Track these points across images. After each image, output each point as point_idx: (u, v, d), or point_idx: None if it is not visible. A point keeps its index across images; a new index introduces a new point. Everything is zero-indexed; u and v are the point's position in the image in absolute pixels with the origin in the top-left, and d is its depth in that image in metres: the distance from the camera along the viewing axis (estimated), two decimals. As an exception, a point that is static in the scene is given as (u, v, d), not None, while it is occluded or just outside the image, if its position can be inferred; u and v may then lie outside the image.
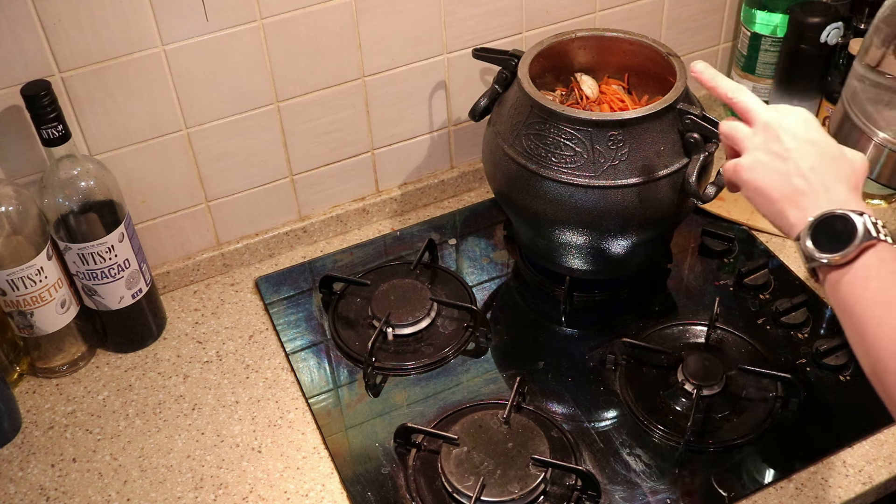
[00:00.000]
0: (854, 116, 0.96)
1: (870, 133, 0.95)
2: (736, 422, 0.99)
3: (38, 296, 1.01)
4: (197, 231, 1.19)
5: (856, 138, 0.97)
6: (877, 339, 0.66)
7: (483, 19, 1.18)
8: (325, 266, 1.22)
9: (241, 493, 0.96)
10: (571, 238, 1.04)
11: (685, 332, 1.09)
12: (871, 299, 0.68)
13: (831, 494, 0.92)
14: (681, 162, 1.00)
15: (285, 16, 1.06)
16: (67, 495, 0.96)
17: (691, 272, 1.20)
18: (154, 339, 1.13)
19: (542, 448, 0.94)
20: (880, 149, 0.95)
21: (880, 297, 0.67)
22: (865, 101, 0.97)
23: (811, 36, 1.21)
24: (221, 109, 1.10)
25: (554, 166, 1.00)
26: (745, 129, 0.80)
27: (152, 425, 1.03)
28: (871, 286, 0.68)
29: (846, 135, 0.98)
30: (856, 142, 0.97)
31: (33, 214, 0.99)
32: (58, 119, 0.93)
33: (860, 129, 0.96)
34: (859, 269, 0.69)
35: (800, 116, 0.78)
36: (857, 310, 0.68)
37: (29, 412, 1.05)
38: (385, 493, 0.94)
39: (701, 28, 1.35)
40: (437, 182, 1.30)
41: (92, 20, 0.96)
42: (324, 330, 1.13)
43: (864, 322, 0.68)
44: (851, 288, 0.69)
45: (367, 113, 1.19)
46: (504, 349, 1.10)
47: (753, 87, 1.34)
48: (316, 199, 1.24)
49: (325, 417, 1.03)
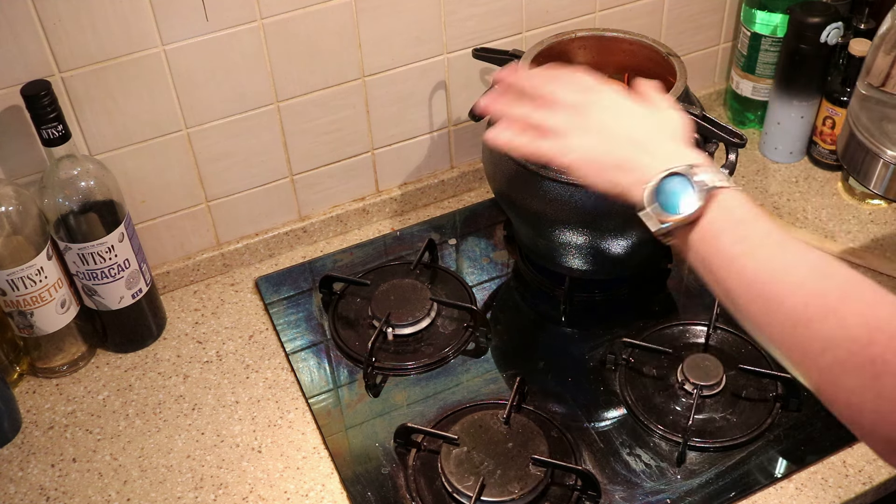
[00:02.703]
0: (860, 135, 0.97)
1: (877, 151, 0.96)
2: (736, 422, 0.99)
3: (38, 296, 1.01)
4: (197, 231, 1.19)
5: (862, 157, 0.97)
6: (744, 290, 0.66)
7: (483, 19, 1.18)
8: (325, 266, 1.22)
9: (241, 493, 0.96)
10: (571, 238, 1.04)
11: (685, 332, 1.09)
12: (729, 251, 0.68)
13: (831, 494, 0.92)
14: (681, 162, 1.00)
15: (285, 16, 1.06)
16: (67, 495, 0.96)
17: (691, 272, 1.19)
18: (154, 339, 1.13)
19: (542, 448, 0.94)
20: (888, 166, 0.95)
21: (737, 249, 0.67)
22: (871, 119, 0.97)
23: (811, 36, 1.21)
24: (221, 109, 1.10)
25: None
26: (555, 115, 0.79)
27: (152, 425, 1.03)
28: (723, 240, 0.68)
29: (853, 153, 0.98)
30: (863, 160, 0.97)
31: (33, 214, 0.99)
32: (58, 119, 0.93)
33: (867, 148, 0.96)
34: (708, 225, 0.69)
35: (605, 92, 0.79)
36: (717, 263, 0.68)
37: (29, 412, 1.05)
38: (385, 493, 0.94)
39: (701, 28, 1.35)
40: (437, 182, 1.30)
41: (92, 20, 0.96)
42: (324, 330, 1.13)
43: (728, 276, 0.67)
44: (707, 244, 0.69)
45: (367, 113, 1.19)
46: (504, 349, 1.10)
47: (753, 86, 1.34)
48: (316, 199, 1.24)
49: (325, 417, 1.03)
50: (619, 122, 0.77)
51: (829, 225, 1.23)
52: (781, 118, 1.30)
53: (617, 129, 0.76)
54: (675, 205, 0.70)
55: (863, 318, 0.60)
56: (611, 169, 0.75)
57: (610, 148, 0.76)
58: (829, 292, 0.63)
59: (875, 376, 0.58)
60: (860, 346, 0.59)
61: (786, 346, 0.64)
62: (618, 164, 0.75)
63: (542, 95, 0.80)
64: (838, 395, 0.61)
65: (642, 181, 0.72)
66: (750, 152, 1.36)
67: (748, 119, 1.39)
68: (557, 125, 0.78)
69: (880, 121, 0.97)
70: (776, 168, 1.34)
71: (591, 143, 0.76)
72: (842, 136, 1.02)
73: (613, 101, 0.79)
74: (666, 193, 0.71)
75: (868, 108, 0.97)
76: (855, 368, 0.59)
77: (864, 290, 0.62)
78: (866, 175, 0.98)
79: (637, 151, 0.75)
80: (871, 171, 0.97)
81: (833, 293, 0.62)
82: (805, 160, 1.35)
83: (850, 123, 0.99)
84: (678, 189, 0.70)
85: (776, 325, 0.64)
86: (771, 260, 0.66)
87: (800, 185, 1.30)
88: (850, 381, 0.59)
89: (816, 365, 0.62)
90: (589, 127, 0.77)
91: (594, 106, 0.78)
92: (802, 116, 1.29)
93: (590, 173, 0.76)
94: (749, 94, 1.35)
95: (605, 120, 0.77)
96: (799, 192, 1.29)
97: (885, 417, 0.58)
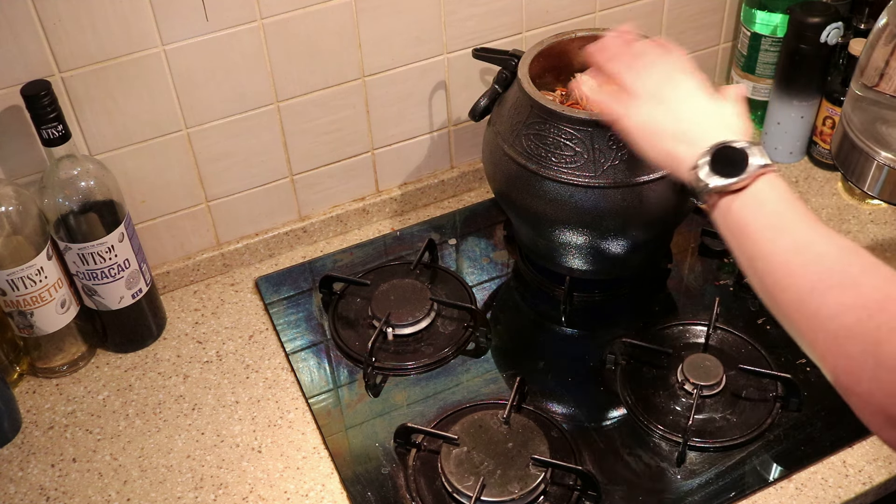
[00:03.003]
0: (854, 136, 0.96)
1: (870, 153, 0.95)
2: (736, 422, 0.99)
3: (38, 296, 1.01)
4: (197, 231, 1.19)
5: (856, 158, 0.97)
6: (770, 258, 0.70)
7: (483, 19, 1.18)
8: (325, 266, 1.22)
9: (241, 493, 0.96)
10: (571, 238, 1.04)
11: (685, 332, 1.09)
12: (764, 223, 0.72)
13: (831, 494, 0.92)
14: (681, 162, 1.00)
15: (285, 16, 1.06)
16: (67, 495, 0.96)
17: (691, 272, 1.20)
18: (154, 339, 1.13)
19: (542, 448, 0.94)
20: (882, 168, 0.95)
21: (772, 221, 0.72)
22: (864, 120, 0.97)
23: (811, 36, 1.21)
24: (221, 109, 1.10)
25: (554, 166, 1.00)
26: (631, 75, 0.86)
27: (152, 425, 1.03)
28: (764, 210, 0.73)
29: (846, 154, 0.98)
30: (856, 161, 0.97)
31: (33, 214, 0.99)
32: (58, 119, 0.93)
33: (860, 149, 0.96)
34: (752, 195, 0.74)
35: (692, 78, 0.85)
36: (750, 230, 0.73)
37: (29, 412, 1.05)
38: (385, 493, 0.94)
39: (701, 28, 1.35)
40: (437, 182, 1.30)
41: (92, 20, 0.96)
42: (324, 330, 1.13)
43: (756, 242, 0.72)
44: (746, 211, 0.74)
45: (367, 113, 1.19)
46: (504, 349, 1.10)
47: (753, 87, 1.34)
48: (316, 199, 1.24)
49: (325, 417, 1.03)
50: (691, 100, 0.83)
51: (829, 225, 1.23)
52: (781, 118, 1.30)
53: (687, 106, 0.82)
54: (728, 171, 0.75)
55: (878, 290, 0.63)
56: (669, 139, 0.81)
57: (674, 120, 0.81)
58: (851, 265, 0.67)
59: (877, 342, 0.60)
60: (870, 313, 0.62)
61: (798, 313, 0.67)
62: (677, 135, 0.81)
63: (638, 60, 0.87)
64: (840, 361, 0.63)
65: (698, 152, 0.77)
66: (750, 152, 1.36)
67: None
68: (636, 90, 0.84)
69: (874, 122, 0.96)
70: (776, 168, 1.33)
71: (658, 114, 0.82)
72: (835, 138, 1.02)
73: (692, 83, 0.84)
74: (720, 161, 0.76)
75: (861, 109, 0.97)
76: (860, 334, 0.62)
77: (884, 268, 0.66)
78: (860, 177, 0.98)
79: (699, 127, 0.80)
80: (865, 172, 0.97)
81: (855, 266, 0.66)
82: (805, 160, 1.35)
83: (843, 125, 0.99)
84: (733, 158, 0.75)
85: (794, 291, 0.68)
86: (802, 235, 0.70)
87: (800, 185, 1.30)
88: (853, 347, 0.62)
89: (824, 329, 0.64)
90: (662, 98, 0.83)
91: (673, 82, 0.84)
92: (802, 116, 1.29)
93: (645, 141, 0.83)
94: (749, 94, 1.35)
95: (679, 96, 0.83)
96: (799, 192, 1.29)
97: (882, 386, 0.60)
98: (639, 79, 0.86)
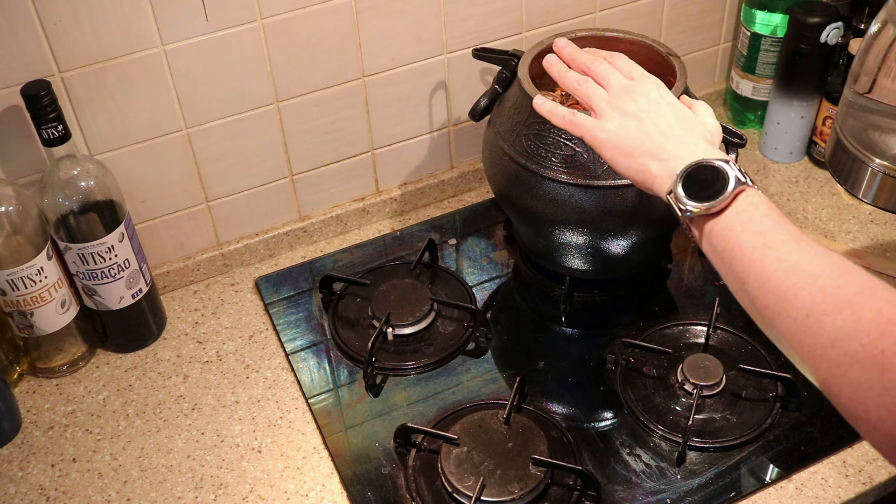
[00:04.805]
0: (847, 143, 0.96)
1: (864, 159, 0.95)
2: (736, 422, 0.99)
3: (38, 296, 1.01)
4: (197, 231, 1.19)
5: (850, 165, 0.97)
6: (761, 282, 0.68)
7: (483, 19, 1.18)
8: (325, 266, 1.22)
9: (241, 493, 0.96)
10: (571, 238, 1.04)
11: (685, 332, 1.09)
12: (749, 243, 0.70)
13: (831, 494, 0.92)
14: (681, 162, 1.00)
15: (285, 16, 1.06)
16: (67, 495, 0.96)
17: (691, 272, 1.20)
18: (154, 339, 1.13)
19: (542, 448, 0.94)
20: (876, 175, 0.95)
21: (758, 241, 0.69)
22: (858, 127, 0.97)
23: (811, 36, 1.21)
24: (221, 109, 1.10)
25: (554, 166, 1.00)
26: (601, 91, 0.84)
27: (152, 425, 1.03)
28: (748, 230, 0.70)
29: (840, 161, 0.98)
30: (850, 168, 0.97)
31: (33, 214, 0.99)
32: (58, 119, 0.93)
33: (853, 156, 0.96)
34: (734, 215, 0.72)
35: (652, 82, 0.83)
36: (737, 254, 0.70)
37: (29, 412, 1.05)
38: (385, 493, 0.94)
39: (701, 28, 1.35)
40: (437, 182, 1.30)
41: (92, 20, 0.96)
42: (324, 330, 1.13)
43: (745, 266, 0.69)
44: (729, 234, 0.71)
45: (367, 113, 1.19)
46: (504, 349, 1.10)
47: (753, 87, 1.34)
48: (316, 199, 1.24)
49: (325, 417, 1.03)
50: (660, 113, 0.80)
51: (829, 225, 1.23)
52: (781, 118, 1.30)
53: (656, 119, 0.80)
54: (704, 193, 0.73)
55: (877, 314, 0.60)
56: (642, 155, 0.78)
57: (646, 135, 0.79)
58: (846, 287, 0.63)
59: (883, 368, 0.58)
60: (871, 338, 0.59)
61: (796, 338, 0.65)
62: (650, 151, 0.78)
63: (594, 71, 0.85)
64: (844, 389, 0.61)
65: (673, 170, 0.75)
66: (750, 152, 1.36)
67: (748, 119, 1.39)
68: (601, 103, 0.82)
69: (867, 129, 0.96)
70: (776, 168, 1.34)
71: (628, 128, 0.80)
72: (829, 144, 1.02)
73: (658, 93, 0.82)
74: (696, 182, 0.74)
75: (854, 116, 0.97)
76: (864, 360, 0.59)
77: (882, 289, 0.63)
78: (854, 183, 0.98)
79: (672, 143, 0.78)
80: (860, 179, 0.97)
81: (850, 288, 0.63)
82: (805, 160, 1.35)
83: (836, 131, 0.99)
84: (709, 178, 0.73)
85: (789, 316, 0.65)
86: (791, 254, 0.67)
87: (800, 185, 1.30)
88: (857, 374, 0.60)
89: (825, 357, 0.62)
90: (629, 112, 0.81)
91: (639, 93, 0.82)
92: (802, 116, 1.29)
93: (618, 156, 0.81)
94: (749, 94, 1.35)
95: (647, 109, 0.81)
96: (799, 192, 1.29)
97: (892, 412, 0.58)
98: (595, 92, 0.84)
